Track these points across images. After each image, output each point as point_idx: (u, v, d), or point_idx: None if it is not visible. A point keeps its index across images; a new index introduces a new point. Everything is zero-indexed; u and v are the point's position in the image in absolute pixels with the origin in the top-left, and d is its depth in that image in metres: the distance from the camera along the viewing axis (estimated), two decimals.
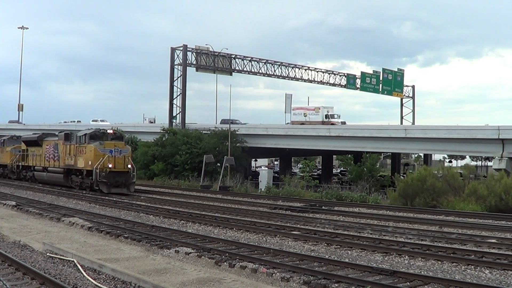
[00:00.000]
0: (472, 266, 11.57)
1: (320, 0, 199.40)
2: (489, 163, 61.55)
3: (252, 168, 63.39)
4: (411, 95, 62.15)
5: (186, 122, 48.83)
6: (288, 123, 50.39)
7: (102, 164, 29.42)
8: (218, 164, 40.72)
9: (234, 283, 9.88)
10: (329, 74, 56.07)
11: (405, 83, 60.16)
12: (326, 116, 47.34)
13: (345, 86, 56.57)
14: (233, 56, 48.92)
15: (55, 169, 34.71)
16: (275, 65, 51.88)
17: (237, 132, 44.22)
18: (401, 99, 61.22)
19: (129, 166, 30.60)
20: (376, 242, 14.57)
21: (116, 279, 10.05)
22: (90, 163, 29.96)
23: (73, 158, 31.90)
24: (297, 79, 53.89)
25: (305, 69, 54.41)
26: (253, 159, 64.76)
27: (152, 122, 64.80)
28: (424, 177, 27.21)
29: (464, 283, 9.85)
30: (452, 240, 15.16)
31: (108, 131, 32.22)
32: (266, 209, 24.19)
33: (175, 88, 46.13)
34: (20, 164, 40.63)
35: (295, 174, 49.08)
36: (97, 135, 31.13)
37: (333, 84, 56.52)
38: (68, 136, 33.35)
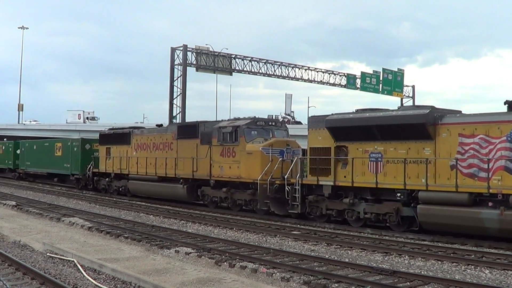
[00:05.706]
0: (472, 266, 11.57)
1: (319, 1, 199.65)
2: None
3: None
4: (411, 95, 62.07)
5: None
6: None
7: None
8: None
9: (234, 283, 9.87)
10: (329, 74, 55.95)
11: (405, 83, 60.15)
12: None
13: (345, 86, 56.43)
14: (233, 56, 48.83)
15: None
16: (275, 65, 51.79)
17: None
18: (401, 99, 61.05)
19: None
20: (376, 242, 14.58)
21: (116, 279, 10.06)
22: None
23: None
24: (297, 79, 53.79)
25: (305, 69, 54.29)
26: None
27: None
28: None
29: (464, 283, 9.86)
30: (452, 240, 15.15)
31: None
32: None
33: (175, 88, 45.99)
34: (331, 183, 17.43)
35: None
36: None
37: (333, 84, 56.39)
38: None
